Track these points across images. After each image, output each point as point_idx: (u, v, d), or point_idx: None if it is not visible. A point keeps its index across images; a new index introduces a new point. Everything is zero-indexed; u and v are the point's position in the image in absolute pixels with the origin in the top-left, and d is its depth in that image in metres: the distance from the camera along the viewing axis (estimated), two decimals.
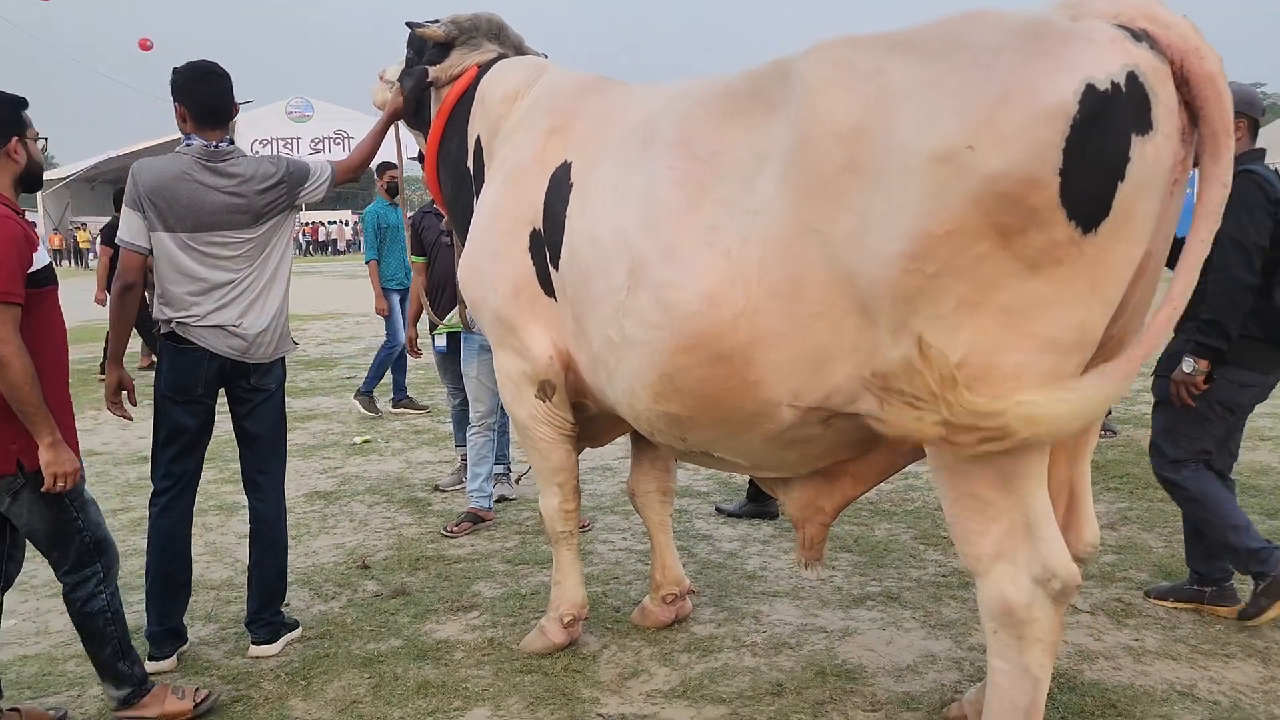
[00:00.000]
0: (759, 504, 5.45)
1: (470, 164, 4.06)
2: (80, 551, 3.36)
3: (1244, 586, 4.15)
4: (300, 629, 4.15)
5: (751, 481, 5.58)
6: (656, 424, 3.21)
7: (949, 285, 2.41)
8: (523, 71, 3.97)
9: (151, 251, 3.83)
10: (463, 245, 4.24)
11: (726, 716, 3.39)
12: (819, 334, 2.68)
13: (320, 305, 19.77)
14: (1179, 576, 4.37)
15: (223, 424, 4.11)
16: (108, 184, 60.44)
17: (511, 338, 3.68)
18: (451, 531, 5.37)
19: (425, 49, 4.19)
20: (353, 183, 4.50)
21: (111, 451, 7.67)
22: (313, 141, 49.17)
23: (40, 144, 3.42)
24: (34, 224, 3.39)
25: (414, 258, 6.47)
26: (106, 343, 6.16)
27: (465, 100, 4.09)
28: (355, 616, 4.32)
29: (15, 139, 3.28)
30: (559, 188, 3.47)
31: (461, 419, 6.40)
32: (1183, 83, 2.33)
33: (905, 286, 2.46)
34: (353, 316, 17.36)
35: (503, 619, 4.25)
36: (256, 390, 4.01)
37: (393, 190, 6.61)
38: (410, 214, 6.47)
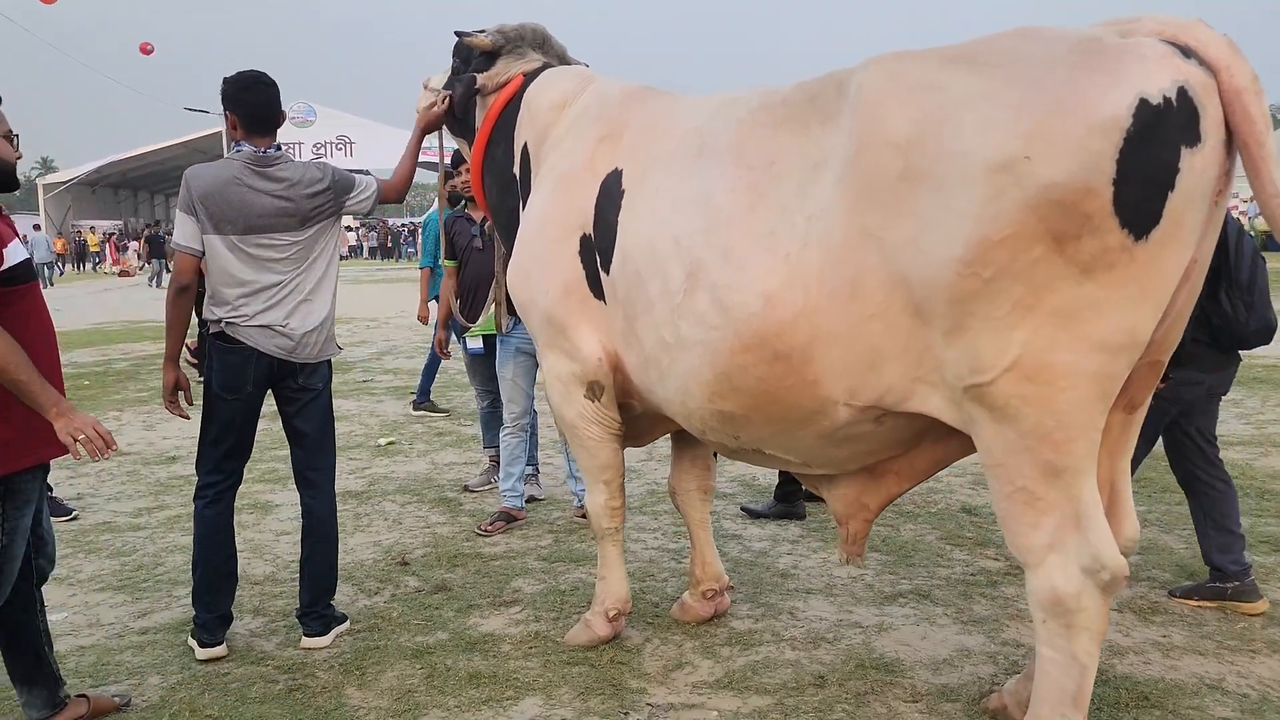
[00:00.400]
0: (787, 505, 5.57)
1: (517, 170, 4.18)
2: None
3: (1265, 584, 4.28)
4: (349, 622, 4.26)
5: (779, 483, 5.70)
6: (709, 422, 3.33)
7: (1004, 288, 2.54)
8: (570, 80, 4.09)
9: (204, 254, 3.96)
10: (506, 249, 4.37)
11: (772, 707, 3.51)
12: (875, 334, 2.80)
13: None
14: (1200, 576, 4.48)
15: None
16: (109, 188, 60.56)
17: (561, 339, 3.80)
18: (485, 530, 5.48)
19: (472, 57, 4.31)
20: (396, 202, 4.62)
21: (139, 451, 7.78)
22: (315, 146, 49.27)
23: (13, 139, 3.31)
24: (13, 222, 3.33)
25: (445, 261, 6.60)
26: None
27: (511, 108, 4.21)
28: (400, 610, 4.43)
29: None
30: (610, 194, 3.59)
31: (490, 421, 6.51)
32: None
33: (961, 289, 2.58)
34: (361, 321, 17.48)
35: (545, 613, 4.36)
36: (304, 390, 4.13)
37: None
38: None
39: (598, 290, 3.66)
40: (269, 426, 8.41)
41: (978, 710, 3.43)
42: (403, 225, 55.86)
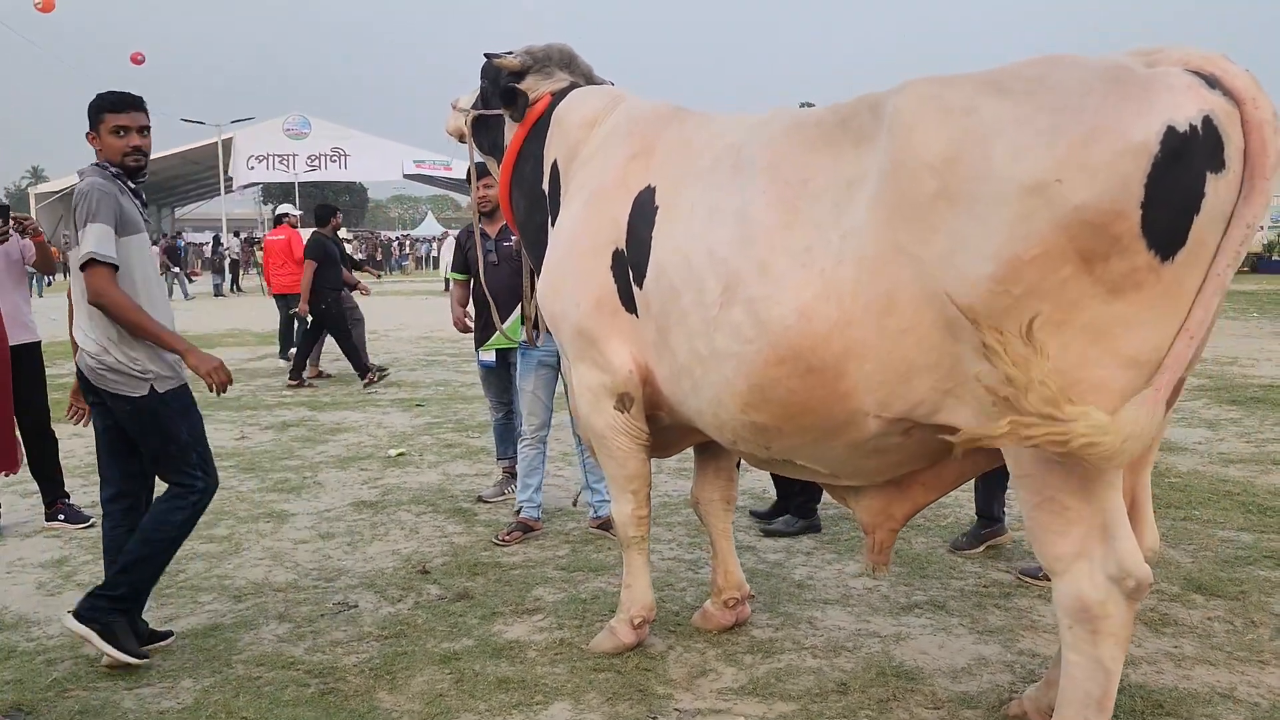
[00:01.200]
0: (806, 520, 5.63)
1: (546, 186, 4.28)
2: None
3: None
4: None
5: (780, 495, 5.78)
6: (741, 433, 3.43)
7: (1034, 306, 2.64)
8: (600, 99, 4.20)
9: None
10: (534, 264, 4.47)
11: (797, 713, 3.59)
12: (907, 348, 2.90)
13: None
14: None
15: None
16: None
17: (592, 351, 3.89)
18: (503, 540, 5.55)
19: (500, 78, 4.41)
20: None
21: None
22: (309, 159, 49.43)
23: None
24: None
25: (452, 274, 6.71)
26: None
27: (540, 125, 4.31)
28: (425, 618, 4.51)
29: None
30: (643, 210, 3.70)
31: (504, 433, 6.59)
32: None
33: (993, 307, 2.69)
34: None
35: (568, 621, 4.44)
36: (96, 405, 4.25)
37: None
38: (454, 233, 6.69)
39: (630, 304, 3.76)
40: (278, 437, 8.54)
41: (998, 717, 3.53)
42: (394, 238, 55.99)
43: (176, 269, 30.89)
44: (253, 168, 50.47)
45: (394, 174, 50.12)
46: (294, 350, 12.15)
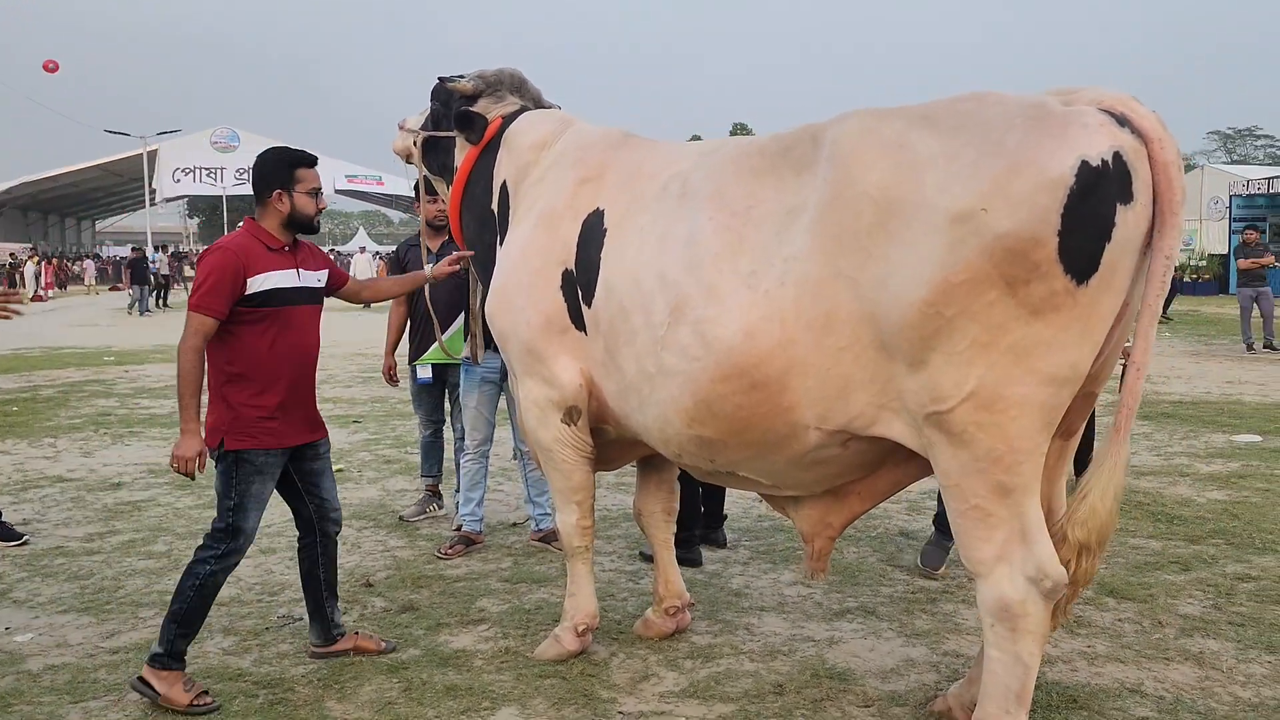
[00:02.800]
0: (685, 550, 5.60)
1: (495, 206, 4.41)
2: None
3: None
4: None
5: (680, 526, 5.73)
6: (687, 447, 3.58)
7: (963, 327, 2.85)
8: (549, 123, 4.35)
9: None
10: (482, 282, 4.59)
11: (736, 713, 3.75)
12: (845, 364, 3.10)
13: None
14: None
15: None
16: (18, 209, 58.75)
17: (540, 367, 4.03)
18: (445, 554, 5.63)
19: (452, 100, 4.54)
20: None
21: (81, 478, 7.72)
22: (238, 172, 48.64)
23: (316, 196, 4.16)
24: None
25: None
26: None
27: (490, 147, 4.45)
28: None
29: (279, 191, 4.05)
30: (592, 232, 3.85)
31: (430, 450, 6.61)
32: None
33: (925, 328, 2.89)
34: None
35: (512, 630, 4.54)
36: None
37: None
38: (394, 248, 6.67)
39: (579, 322, 3.90)
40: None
41: (924, 713, 3.72)
42: (330, 250, 55.27)
43: (137, 286, 29.32)
44: (179, 180, 49.55)
45: (325, 189, 49.42)
46: None
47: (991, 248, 2.77)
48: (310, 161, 4.17)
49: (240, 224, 4.22)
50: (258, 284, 3.94)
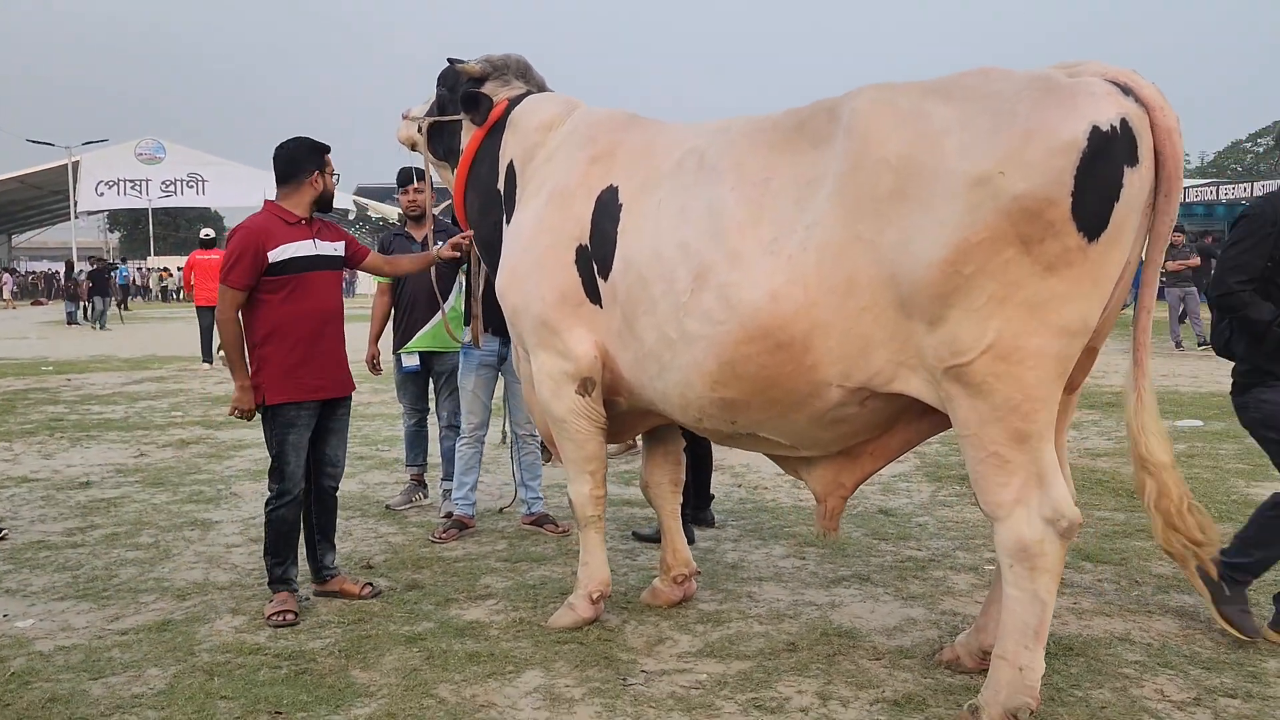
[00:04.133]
0: (696, 511, 5.74)
1: (501, 185, 4.52)
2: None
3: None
4: None
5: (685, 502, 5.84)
6: (709, 410, 3.73)
7: (982, 284, 3.04)
8: (556, 105, 4.48)
9: None
10: (487, 263, 4.70)
11: (755, 669, 3.90)
12: (866, 324, 3.27)
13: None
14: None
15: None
16: None
17: (555, 340, 4.14)
18: (439, 538, 5.69)
19: (459, 85, 4.64)
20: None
21: (46, 479, 7.58)
22: (164, 184, 47.78)
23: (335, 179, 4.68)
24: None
25: (379, 279, 6.71)
26: None
27: (496, 130, 4.56)
28: (381, 606, 4.63)
29: (316, 173, 4.57)
30: (607, 209, 3.98)
31: (415, 440, 6.64)
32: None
33: (945, 286, 3.08)
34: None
35: (521, 604, 4.64)
36: None
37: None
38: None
39: (594, 295, 4.03)
40: (179, 454, 8.40)
41: (934, 663, 3.91)
42: None
43: (99, 298, 27.30)
44: (102, 194, 48.35)
45: (255, 200, 48.73)
46: (218, 352, 13.02)
47: (1009, 208, 2.97)
48: (330, 149, 4.69)
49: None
50: (277, 255, 4.45)
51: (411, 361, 6.39)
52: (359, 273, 6.95)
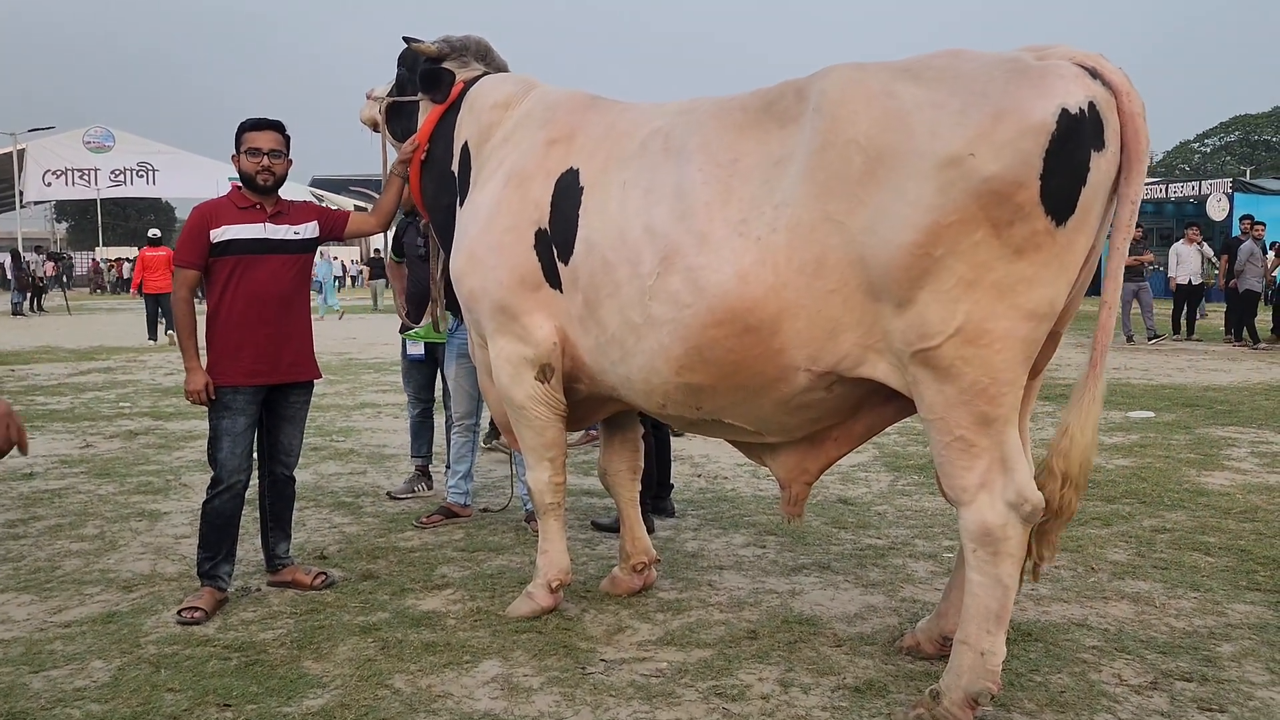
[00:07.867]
0: (656, 500, 5.74)
1: (455, 167, 4.43)
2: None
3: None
4: None
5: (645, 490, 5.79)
6: (673, 395, 3.67)
7: (951, 266, 3.02)
8: (512, 85, 4.40)
9: None
10: (441, 245, 4.61)
11: (715, 657, 3.86)
12: (834, 307, 3.24)
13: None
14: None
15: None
16: None
17: (513, 325, 4.06)
18: (425, 524, 5.61)
19: (417, 64, 4.54)
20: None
21: None
22: (113, 174, 46.75)
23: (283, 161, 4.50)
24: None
25: (394, 256, 6.40)
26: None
27: (452, 110, 4.47)
28: (334, 596, 4.53)
29: (234, 153, 4.50)
30: (567, 191, 3.91)
31: (420, 430, 6.52)
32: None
33: (915, 269, 3.05)
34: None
35: (479, 593, 4.56)
36: None
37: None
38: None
39: (553, 279, 3.95)
40: (126, 445, 8.20)
41: (894, 649, 3.90)
42: None
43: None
44: (49, 184, 47.19)
45: (207, 191, 47.74)
46: (167, 332, 17.26)
47: (979, 190, 2.94)
48: (253, 125, 4.48)
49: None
50: (218, 235, 4.41)
51: (416, 349, 6.26)
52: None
